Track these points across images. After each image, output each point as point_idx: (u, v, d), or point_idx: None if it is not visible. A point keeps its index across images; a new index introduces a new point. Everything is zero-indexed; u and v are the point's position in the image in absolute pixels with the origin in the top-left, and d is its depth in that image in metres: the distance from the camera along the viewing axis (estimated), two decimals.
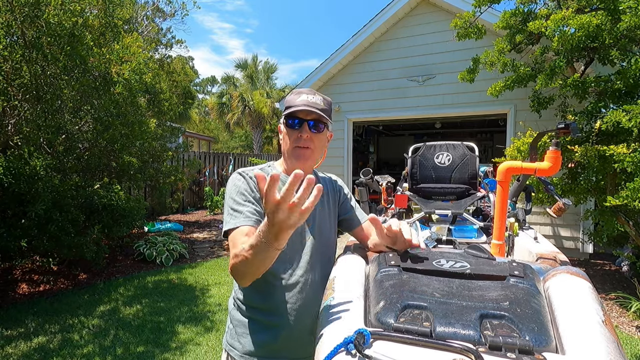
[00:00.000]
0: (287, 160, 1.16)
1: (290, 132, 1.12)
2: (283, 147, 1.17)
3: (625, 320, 3.49)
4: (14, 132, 3.77)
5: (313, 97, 1.12)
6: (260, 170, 0.99)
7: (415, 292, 0.84)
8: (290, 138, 1.12)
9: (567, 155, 3.55)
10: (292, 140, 1.12)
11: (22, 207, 3.67)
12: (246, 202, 1.07)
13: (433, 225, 2.05)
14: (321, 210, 1.22)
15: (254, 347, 1.12)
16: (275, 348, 1.11)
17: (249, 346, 1.12)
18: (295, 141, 1.12)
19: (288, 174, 1.15)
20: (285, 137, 1.15)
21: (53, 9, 3.37)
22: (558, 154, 1.35)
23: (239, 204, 1.07)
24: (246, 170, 1.14)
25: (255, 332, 1.13)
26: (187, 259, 5.65)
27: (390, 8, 6.32)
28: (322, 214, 1.23)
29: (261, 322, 1.13)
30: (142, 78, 4.62)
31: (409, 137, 11.64)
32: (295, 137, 1.12)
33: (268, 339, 1.11)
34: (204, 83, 28.10)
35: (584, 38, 3.40)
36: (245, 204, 1.07)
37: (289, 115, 1.11)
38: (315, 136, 1.13)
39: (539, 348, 0.68)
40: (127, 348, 3.00)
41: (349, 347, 0.71)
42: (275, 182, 0.73)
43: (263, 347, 1.11)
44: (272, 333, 1.11)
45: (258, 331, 1.13)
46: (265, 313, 1.12)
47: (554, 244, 3.21)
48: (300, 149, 1.12)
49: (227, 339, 1.19)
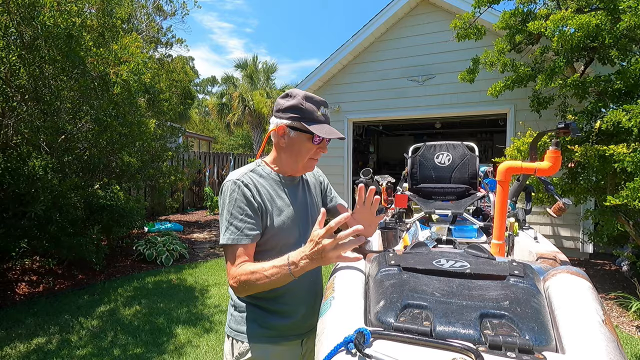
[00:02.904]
0: (292, 164, 1.22)
1: (311, 145, 1.17)
2: (289, 151, 1.20)
3: (625, 320, 3.49)
4: (13, 132, 3.77)
5: (328, 110, 1.20)
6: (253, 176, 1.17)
7: (416, 291, 0.84)
8: (308, 151, 1.18)
9: (567, 155, 3.55)
10: (310, 153, 1.19)
11: (22, 208, 3.67)
12: (244, 216, 1.11)
13: (433, 225, 2.05)
14: (311, 201, 1.31)
15: (261, 329, 1.18)
16: (282, 328, 1.19)
17: (256, 329, 1.18)
18: (313, 154, 1.20)
19: (281, 174, 1.24)
20: (295, 144, 1.17)
21: (49, 10, 3.37)
22: (558, 153, 1.35)
23: (237, 218, 1.11)
24: (240, 177, 1.16)
25: (262, 317, 1.19)
26: (187, 259, 5.65)
27: (390, 8, 6.32)
28: (312, 205, 1.30)
29: (266, 308, 1.19)
30: (141, 78, 4.61)
31: (409, 137, 11.63)
32: (315, 151, 1.19)
33: (274, 322, 1.18)
34: (204, 83, 28.09)
35: (583, 38, 3.41)
36: (244, 219, 1.11)
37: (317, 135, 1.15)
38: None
39: (539, 347, 0.68)
40: (126, 349, 3.00)
41: (349, 347, 0.71)
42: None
43: (270, 329, 1.18)
44: (278, 317, 1.19)
45: (264, 316, 1.19)
46: (270, 301, 1.18)
47: (554, 243, 3.20)
48: (313, 160, 1.22)
49: (232, 325, 1.22)
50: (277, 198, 1.19)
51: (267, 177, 1.21)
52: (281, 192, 1.21)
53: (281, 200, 1.19)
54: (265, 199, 1.16)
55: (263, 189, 1.17)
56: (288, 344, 1.20)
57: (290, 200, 1.21)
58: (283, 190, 1.21)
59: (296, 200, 1.24)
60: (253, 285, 1.04)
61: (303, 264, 0.97)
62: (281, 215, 1.17)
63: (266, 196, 1.17)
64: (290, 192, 1.23)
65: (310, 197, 1.30)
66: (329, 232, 0.92)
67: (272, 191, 1.19)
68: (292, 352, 1.22)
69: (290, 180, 1.25)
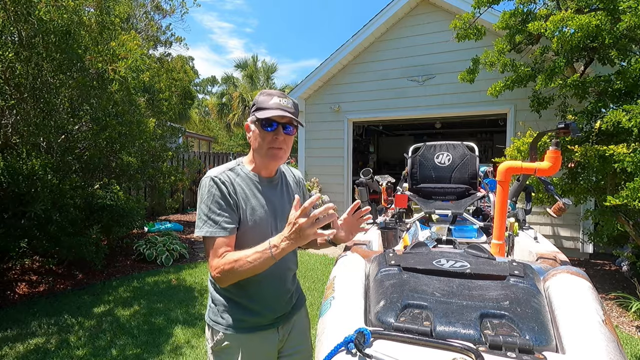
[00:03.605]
0: (259, 158, 1.26)
1: (265, 133, 1.20)
2: (254, 146, 1.25)
3: (625, 320, 3.49)
4: (12, 132, 3.77)
5: (285, 100, 1.22)
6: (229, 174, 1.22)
7: (416, 291, 0.84)
8: (264, 139, 1.21)
9: (567, 155, 3.55)
10: (266, 142, 1.21)
11: (22, 207, 3.66)
12: (221, 210, 1.17)
13: (433, 225, 2.05)
14: (289, 203, 1.30)
15: (236, 322, 1.25)
16: (256, 321, 1.26)
17: (231, 321, 1.25)
18: (270, 142, 1.21)
19: (257, 172, 1.28)
20: (257, 137, 1.23)
21: (45, 5, 3.36)
22: (558, 154, 1.35)
23: (215, 213, 1.17)
24: (218, 174, 1.21)
25: (236, 311, 1.26)
26: (187, 259, 5.65)
27: (390, 8, 6.32)
28: (289, 207, 1.29)
29: (240, 303, 1.26)
30: (140, 76, 4.60)
31: (409, 137, 11.63)
32: (270, 138, 1.20)
33: (246, 316, 1.26)
34: (204, 83, 28.07)
35: (583, 38, 3.40)
36: (221, 213, 1.17)
37: (265, 119, 1.19)
38: (288, 137, 1.24)
39: (539, 347, 0.68)
40: (124, 349, 3.00)
41: (350, 346, 0.71)
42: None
43: (244, 321, 1.25)
44: (249, 313, 1.26)
45: (238, 310, 1.26)
46: (243, 299, 1.25)
47: (553, 244, 3.20)
48: (274, 150, 1.22)
49: (210, 315, 1.30)
50: (252, 197, 1.24)
51: (244, 176, 1.26)
52: (257, 192, 1.26)
53: (256, 200, 1.25)
54: (240, 198, 1.22)
55: (239, 187, 1.23)
56: (263, 332, 1.28)
57: (264, 200, 1.26)
58: (259, 190, 1.26)
59: (271, 201, 1.28)
60: (237, 272, 1.09)
61: (284, 245, 1.03)
62: (254, 215, 1.23)
63: (241, 195, 1.22)
64: (266, 192, 1.28)
65: (288, 199, 1.33)
66: (304, 212, 0.98)
67: (248, 190, 1.24)
68: (269, 339, 1.29)
69: (267, 181, 1.30)
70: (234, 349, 1.25)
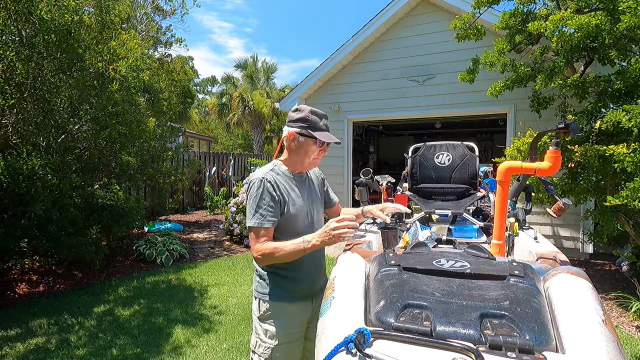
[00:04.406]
0: (299, 162, 1.58)
1: (314, 148, 1.54)
2: (297, 152, 1.56)
3: (625, 320, 3.49)
4: (12, 131, 3.76)
5: (327, 121, 1.57)
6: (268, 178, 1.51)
7: (416, 291, 0.84)
8: (313, 152, 1.55)
9: (567, 155, 3.55)
10: (314, 154, 1.56)
11: (22, 207, 3.66)
12: (267, 206, 1.46)
13: (433, 225, 2.05)
14: (315, 194, 1.69)
15: (280, 291, 1.54)
16: (296, 290, 1.56)
17: (276, 291, 1.54)
18: (316, 155, 1.57)
19: (292, 171, 1.60)
20: (306, 148, 1.55)
21: (46, 4, 3.36)
22: (558, 154, 1.35)
23: (262, 207, 1.46)
24: (265, 175, 1.51)
25: (280, 282, 1.54)
26: (187, 259, 5.65)
27: (390, 8, 6.32)
28: (315, 197, 1.69)
29: (284, 275, 1.55)
30: (140, 75, 4.59)
31: (409, 137, 11.63)
32: (317, 152, 1.56)
33: (290, 285, 1.55)
34: (204, 83, 28.04)
35: (583, 38, 3.40)
36: (267, 208, 1.46)
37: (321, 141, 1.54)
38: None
39: (539, 347, 0.68)
40: (124, 349, 3.00)
41: (350, 346, 0.71)
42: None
43: (287, 291, 1.55)
44: (295, 282, 1.55)
45: (282, 281, 1.55)
46: (287, 270, 1.54)
47: (553, 244, 3.20)
48: (316, 160, 1.60)
49: (258, 289, 1.58)
50: (291, 191, 1.55)
51: (282, 174, 1.56)
52: (294, 187, 1.57)
53: (294, 193, 1.56)
54: (283, 192, 1.51)
55: (281, 184, 1.52)
56: (300, 303, 1.57)
57: (300, 192, 1.58)
58: (295, 185, 1.58)
59: (304, 193, 1.60)
60: (274, 257, 1.42)
61: (315, 242, 1.36)
62: (295, 205, 1.53)
63: (284, 190, 1.52)
64: (300, 186, 1.60)
65: (314, 191, 1.69)
66: (339, 228, 1.31)
67: (287, 186, 1.54)
68: (305, 308, 1.60)
69: (299, 177, 1.62)
70: (277, 315, 1.53)
